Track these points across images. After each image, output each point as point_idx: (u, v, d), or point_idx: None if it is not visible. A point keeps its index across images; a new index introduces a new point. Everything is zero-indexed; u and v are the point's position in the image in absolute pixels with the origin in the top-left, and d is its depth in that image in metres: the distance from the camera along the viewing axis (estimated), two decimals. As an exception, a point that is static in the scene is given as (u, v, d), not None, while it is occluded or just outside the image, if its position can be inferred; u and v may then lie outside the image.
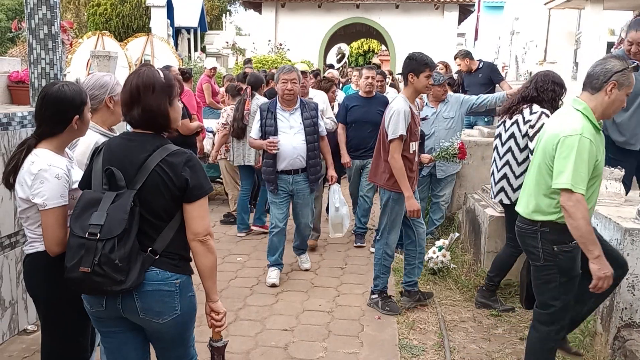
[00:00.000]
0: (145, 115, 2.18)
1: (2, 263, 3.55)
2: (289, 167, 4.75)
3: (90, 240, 2.04)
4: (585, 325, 3.49)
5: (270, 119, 4.75)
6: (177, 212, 2.20)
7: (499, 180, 4.28)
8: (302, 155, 4.74)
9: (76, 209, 2.13)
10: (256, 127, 4.87)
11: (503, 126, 4.25)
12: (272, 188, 4.80)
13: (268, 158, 4.78)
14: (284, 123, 4.75)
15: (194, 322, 2.38)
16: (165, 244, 2.18)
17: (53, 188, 2.32)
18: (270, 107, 4.82)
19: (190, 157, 2.19)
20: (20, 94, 4.52)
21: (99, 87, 2.77)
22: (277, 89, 4.86)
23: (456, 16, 19.18)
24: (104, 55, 6.65)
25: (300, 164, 4.76)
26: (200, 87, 9.49)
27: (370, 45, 30.76)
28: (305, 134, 4.75)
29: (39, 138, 2.44)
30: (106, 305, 2.18)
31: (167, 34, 14.89)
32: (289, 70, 4.77)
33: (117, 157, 2.18)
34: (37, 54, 3.98)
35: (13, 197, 3.56)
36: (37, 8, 3.91)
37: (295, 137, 4.74)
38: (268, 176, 4.79)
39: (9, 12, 29.79)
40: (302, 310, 4.36)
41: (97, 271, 2.03)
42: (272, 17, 19.70)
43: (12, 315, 3.67)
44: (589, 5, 10.53)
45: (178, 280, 2.20)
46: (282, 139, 4.70)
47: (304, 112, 4.80)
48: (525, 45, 16.51)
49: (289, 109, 4.79)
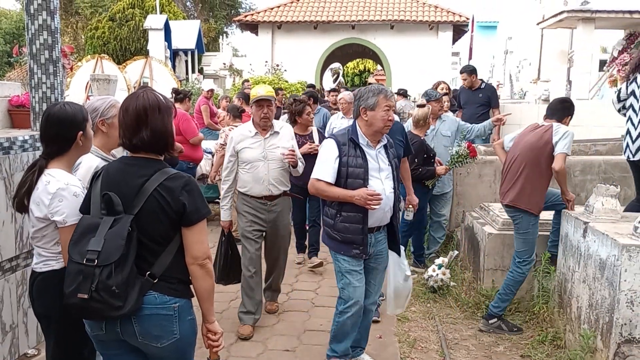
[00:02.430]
0: (154, 136, 2.20)
1: (2, 287, 3.55)
2: (375, 224, 3.50)
3: (88, 267, 2.05)
4: (586, 342, 3.50)
5: (358, 158, 3.38)
6: (175, 236, 2.20)
7: None
8: (391, 207, 3.52)
9: (75, 235, 2.15)
10: (328, 167, 3.40)
11: (635, 83, 4.33)
12: (359, 252, 3.44)
13: (351, 211, 3.38)
14: (373, 164, 3.44)
15: (194, 346, 2.37)
16: (163, 268, 2.18)
17: (71, 205, 2.39)
18: (354, 140, 3.41)
19: (188, 182, 2.20)
20: (21, 117, 4.56)
21: (90, 112, 2.81)
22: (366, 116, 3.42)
23: (450, 36, 19.39)
24: (104, 78, 6.71)
25: (387, 219, 3.55)
26: (198, 109, 9.57)
27: (365, 65, 31.04)
28: (394, 179, 3.53)
29: (48, 158, 2.50)
30: (106, 329, 2.19)
31: (164, 56, 15.02)
32: (390, 95, 3.47)
33: (115, 182, 2.19)
34: (39, 78, 4.03)
35: (14, 220, 3.59)
36: (38, 34, 3.97)
37: (386, 184, 3.46)
38: (353, 236, 3.41)
39: (6, 35, 30.01)
40: (303, 330, 4.36)
41: (95, 297, 2.04)
42: (268, 39, 19.88)
43: (13, 340, 3.66)
44: (580, 24, 10.67)
45: (177, 304, 2.20)
46: (373, 185, 3.39)
47: (389, 147, 3.58)
48: (519, 64, 16.70)
49: (375, 144, 3.49)
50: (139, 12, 19.90)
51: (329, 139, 3.50)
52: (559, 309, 4.16)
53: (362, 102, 3.42)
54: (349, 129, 3.49)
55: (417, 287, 5.01)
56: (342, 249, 3.45)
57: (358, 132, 3.43)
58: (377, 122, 3.37)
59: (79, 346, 2.53)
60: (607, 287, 3.38)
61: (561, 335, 4.01)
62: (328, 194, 3.39)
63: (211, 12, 30.59)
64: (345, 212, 3.39)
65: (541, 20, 12.57)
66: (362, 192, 3.26)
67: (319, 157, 3.48)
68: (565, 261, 4.12)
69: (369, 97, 3.39)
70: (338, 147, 3.38)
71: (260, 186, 4.27)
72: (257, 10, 21.13)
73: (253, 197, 4.30)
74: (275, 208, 4.36)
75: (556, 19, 10.99)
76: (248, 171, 4.26)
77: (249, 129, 4.33)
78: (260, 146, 4.26)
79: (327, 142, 3.48)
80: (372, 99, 3.38)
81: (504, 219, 4.75)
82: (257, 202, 4.31)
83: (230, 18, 28.89)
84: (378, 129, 3.39)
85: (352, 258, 3.44)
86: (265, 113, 4.22)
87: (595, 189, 3.98)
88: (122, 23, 19.90)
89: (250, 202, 4.33)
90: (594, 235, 3.61)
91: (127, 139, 2.22)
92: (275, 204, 4.36)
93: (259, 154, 4.25)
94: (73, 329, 2.47)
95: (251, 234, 4.36)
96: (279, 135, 4.34)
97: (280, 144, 4.31)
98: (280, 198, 4.38)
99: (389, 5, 19.92)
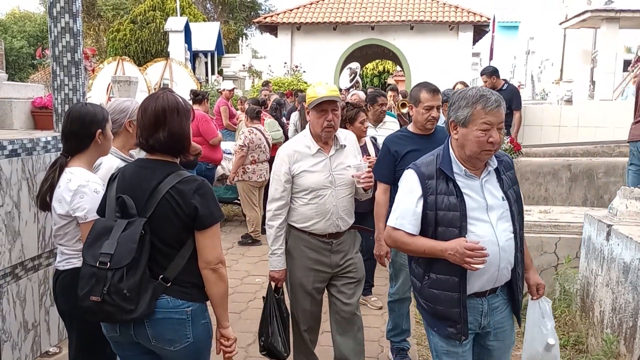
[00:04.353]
0: (171, 138, 2.19)
1: (25, 286, 3.60)
2: (487, 286, 2.38)
3: (101, 270, 2.06)
4: (609, 347, 3.44)
5: (450, 196, 2.32)
6: (189, 240, 2.18)
7: None
8: (511, 260, 2.38)
9: (89, 237, 2.16)
10: (408, 211, 2.37)
11: None
12: (455, 332, 2.36)
13: (443, 273, 2.34)
14: (476, 200, 2.33)
15: (209, 349, 2.35)
16: (176, 272, 2.17)
17: (92, 201, 2.43)
18: (443, 171, 2.35)
19: (201, 185, 2.17)
20: (43, 119, 4.63)
21: (119, 111, 2.87)
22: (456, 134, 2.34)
23: (471, 36, 19.25)
24: (125, 80, 6.80)
25: (506, 275, 2.40)
26: (217, 110, 9.62)
27: (385, 66, 30.96)
28: (512, 218, 2.38)
29: (67, 155, 2.57)
30: (120, 331, 2.20)
31: (185, 58, 15.16)
32: (494, 105, 2.25)
33: (129, 185, 2.19)
34: (61, 80, 4.08)
35: (37, 220, 3.64)
36: (60, 36, 4.02)
37: (500, 227, 2.34)
38: (446, 309, 2.35)
39: (30, 38, 30.58)
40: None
41: (107, 300, 2.05)
42: (287, 40, 19.94)
43: (35, 338, 3.71)
44: (604, 24, 10.51)
45: (190, 309, 2.19)
46: (477, 232, 2.30)
47: (502, 171, 2.43)
48: (540, 65, 16.51)
49: (478, 171, 2.37)
50: (160, 15, 20.14)
51: (408, 169, 2.43)
52: (581, 313, 4.09)
53: (451, 112, 2.34)
54: (438, 153, 2.41)
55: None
56: (434, 325, 2.43)
57: (451, 158, 2.35)
58: (470, 145, 2.27)
59: (102, 344, 2.55)
60: (630, 291, 3.32)
61: (583, 339, 3.94)
62: (411, 248, 2.38)
63: (231, 14, 30.83)
64: (434, 273, 2.36)
65: (564, 20, 12.42)
66: (458, 245, 2.20)
67: (397, 195, 2.47)
68: (588, 264, 4.05)
69: (461, 107, 2.29)
70: (421, 182, 2.35)
71: (326, 221, 3.13)
72: (276, 12, 21.24)
73: (313, 234, 3.17)
74: (342, 247, 3.22)
75: (579, 18, 10.85)
76: (310, 202, 3.11)
77: (306, 143, 3.14)
78: (326, 167, 3.12)
79: (406, 175, 2.43)
80: (464, 110, 2.27)
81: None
82: (319, 242, 3.17)
83: (250, 20, 29.08)
84: (472, 153, 2.29)
85: (447, 339, 2.39)
86: (330, 120, 3.05)
87: (619, 191, 3.91)
88: (143, 25, 20.16)
89: (309, 242, 3.17)
90: (618, 238, 3.55)
91: (144, 139, 2.22)
92: (342, 241, 3.22)
93: (324, 179, 3.10)
94: (95, 327, 2.49)
95: (310, 285, 3.20)
96: (344, 149, 3.22)
97: (348, 161, 3.19)
98: (347, 233, 3.26)
99: (409, 6, 19.85)
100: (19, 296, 3.54)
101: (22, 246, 3.53)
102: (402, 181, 2.46)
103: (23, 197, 3.53)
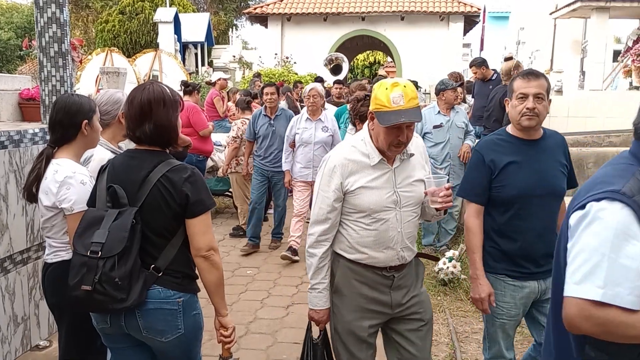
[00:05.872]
0: (156, 130, 2.18)
1: (14, 279, 3.57)
2: None
3: (92, 259, 2.05)
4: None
5: None
6: (180, 229, 2.18)
7: None
8: None
9: (80, 227, 2.15)
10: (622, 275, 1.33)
11: None
12: None
13: None
14: None
15: (200, 341, 2.35)
16: (168, 261, 2.17)
17: (79, 193, 2.42)
18: None
19: (192, 173, 2.17)
20: (31, 111, 4.59)
21: (113, 102, 2.85)
22: None
23: (461, 27, 19.25)
24: (113, 71, 6.73)
25: None
26: (210, 101, 9.54)
27: (375, 57, 30.91)
28: None
29: (54, 145, 2.54)
30: (110, 322, 2.19)
31: (174, 49, 15.02)
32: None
33: (119, 175, 2.19)
34: (48, 71, 4.03)
35: (25, 213, 3.61)
36: (47, 26, 3.96)
37: None
38: None
39: (18, 29, 30.19)
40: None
41: (98, 289, 2.04)
42: (278, 31, 19.86)
43: (25, 331, 3.68)
44: (594, 14, 10.52)
45: (181, 299, 2.18)
46: None
47: None
48: (531, 55, 16.51)
49: None
50: (149, 5, 19.93)
51: (619, 204, 1.36)
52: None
53: None
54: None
55: (427, 279, 4.98)
56: None
57: None
58: None
59: (92, 336, 2.54)
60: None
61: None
62: (630, 332, 1.33)
63: (221, 4, 30.59)
64: None
65: (554, 10, 12.42)
66: None
67: (594, 245, 1.37)
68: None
69: None
70: None
71: (389, 251, 2.43)
72: (266, 3, 21.11)
73: (371, 267, 2.46)
74: (404, 281, 2.52)
75: (570, 8, 10.84)
76: (367, 227, 2.41)
77: (364, 150, 2.40)
78: (389, 183, 2.40)
79: (609, 212, 1.37)
80: None
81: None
82: (378, 276, 2.47)
83: (240, 10, 28.89)
84: None
85: None
86: (404, 139, 2.31)
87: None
88: (132, 16, 19.94)
89: (364, 276, 2.47)
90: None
91: (131, 130, 2.22)
92: (404, 274, 2.52)
93: (386, 198, 2.39)
94: (85, 320, 2.48)
95: (364, 331, 2.49)
96: (411, 159, 2.47)
97: (416, 174, 2.47)
98: (409, 265, 2.55)
99: (400, -4, 19.82)
100: (8, 290, 3.51)
101: (11, 239, 3.50)
102: (601, 221, 1.38)
103: (11, 189, 3.49)
